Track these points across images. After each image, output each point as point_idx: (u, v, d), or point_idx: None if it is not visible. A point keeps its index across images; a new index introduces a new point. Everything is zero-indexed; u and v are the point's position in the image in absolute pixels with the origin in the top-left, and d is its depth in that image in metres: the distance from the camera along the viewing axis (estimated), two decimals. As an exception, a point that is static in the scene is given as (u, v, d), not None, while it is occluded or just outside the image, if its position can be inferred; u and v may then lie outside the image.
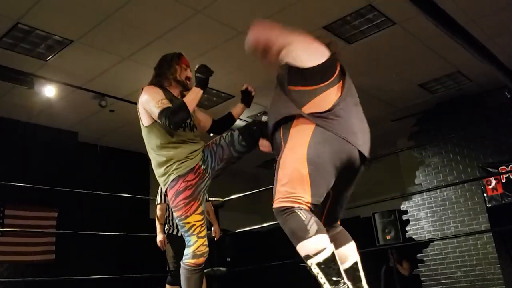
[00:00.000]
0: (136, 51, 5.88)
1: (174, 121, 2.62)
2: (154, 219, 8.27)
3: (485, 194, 7.56)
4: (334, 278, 1.94)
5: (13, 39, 5.46)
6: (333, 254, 2.01)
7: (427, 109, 8.37)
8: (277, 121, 2.30)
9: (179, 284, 4.58)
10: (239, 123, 3.10)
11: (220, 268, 5.87)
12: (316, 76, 2.26)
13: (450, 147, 8.11)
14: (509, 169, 7.31)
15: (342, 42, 6.05)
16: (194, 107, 2.81)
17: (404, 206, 8.47)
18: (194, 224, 2.72)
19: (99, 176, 7.89)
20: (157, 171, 2.85)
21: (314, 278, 2.03)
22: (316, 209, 2.16)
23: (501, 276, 7.14)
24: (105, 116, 7.44)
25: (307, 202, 2.08)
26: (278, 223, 2.14)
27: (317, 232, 2.00)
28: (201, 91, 2.82)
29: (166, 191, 2.80)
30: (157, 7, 5.09)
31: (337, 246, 2.29)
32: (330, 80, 2.28)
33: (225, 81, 6.80)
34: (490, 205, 7.49)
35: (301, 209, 2.04)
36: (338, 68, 2.40)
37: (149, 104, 2.77)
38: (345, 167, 2.23)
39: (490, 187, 7.52)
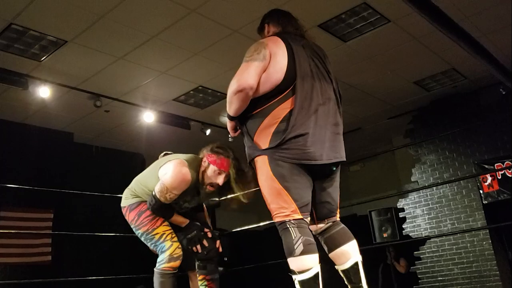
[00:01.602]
0: (131, 51, 5.86)
1: (151, 210, 2.77)
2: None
3: (481, 191, 7.58)
4: None
5: (7, 40, 5.43)
6: (316, 275, 2.11)
7: (422, 107, 8.38)
8: (249, 162, 2.41)
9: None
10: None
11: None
12: (274, 93, 2.30)
13: (446, 144, 8.12)
14: (504, 166, 7.32)
15: (337, 40, 6.05)
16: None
17: (400, 203, 8.48)
18: (164, 233, 2.78)
19: (95, 176, 7.86)
20: (129, 188, 2.96)
21: None
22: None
23: (498, 272, 7.15)
24: (100, 116, 7.42)
25: (293, 211, 2.19)
26: (274, 222, 2.28)
27: (303, 253, 2.10)
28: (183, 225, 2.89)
29: (124, 209, 2.91)
30: (150, 7, 5.07)
31: (336, 246, 2.40)
32: (285, 93, 2.30)
33: (220, 80, 6.79)
34: (486, 202, 7.50)
35: (292, 225, 2.16)
36: (297, 70, 2.35)
37: (163, 179, 2.75)
38: (311, 174, 2.31)
39: (486, 184, 7.54)
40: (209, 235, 2.96)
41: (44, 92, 6.31)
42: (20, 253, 7.14)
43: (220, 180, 2.77)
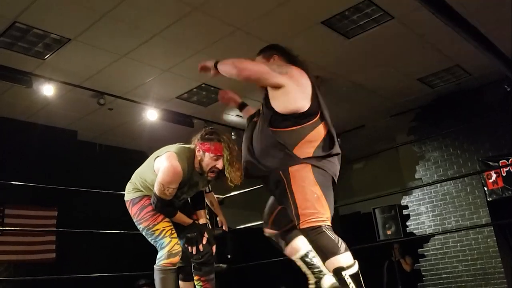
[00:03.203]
0: (134, 48, 5.86)
1: (156, 210, 2.82)
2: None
3: (485, 188, 7.55)
4: None
5: (11, 38, 5.44)
6: (358, 268, 2.36)
7: (426, 104, 8.35)
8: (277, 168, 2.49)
9: (192, 280, 4.59)
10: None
11: (221, 265, 5.85)
12: (306, 116, 2.53)
13: (450, 141, 8.10)
14: (509, 162, 7.30)
15: (340, 37, 6.03)
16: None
17: (404, 201, 8.47)
18: (164, 229, 2.80)
19: (99, 174, 7.87)
20: (130, 182, 3.00)
21: None
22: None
23: (502, 269, 7.14)
24: (104, 114, 7.43)
25: (328, 218, 2.40)
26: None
27: (346, 249, 2.33)
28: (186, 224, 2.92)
29: (127, 203, 2.96)
30: (153, 4, 5.07)
31: (292, 238, 2.75)
32: (317, 118, 2.56)
33: (223, 78, 6.76)
34: (490, 199, 7.48)
35: (327, 229, 2.36)
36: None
37: (158, 177, 2.78)
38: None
39: (491, 181, 7.51)
40: (204, 241, 2.98)
41: (48, 90, 6.32)
42: (24, 251, 7.17)
43: (219, 164, 2.81)
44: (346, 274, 2.28)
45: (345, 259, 2.30)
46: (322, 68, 6.78)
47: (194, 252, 2.87)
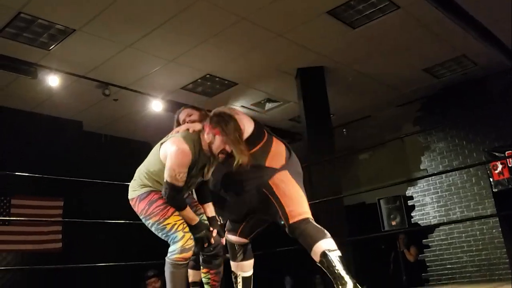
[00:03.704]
0: (138, 39, 5.85)
1: (167, 199, 2.77)
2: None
3: (491, 179, 7.53)
4: (345, 270, 2.40)
5: (16, 29, 5.44)
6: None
7: (432, 94, 8.31)
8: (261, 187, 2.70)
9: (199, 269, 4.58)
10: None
11: (227, 255, 5.87)
12: (259, 134, 2.77)
13: (455, 132, 8.07)
14: (515, 153, 7.27)
15: (346, 27, 6.00)
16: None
17: (409, 191, 8.46)
18: (176, 223, 2.74)
19: (104, 165, 7.89)
20: (135, 180, 2.94)
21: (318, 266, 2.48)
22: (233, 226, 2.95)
23: (507, 260, 7.13)
24: (109, 105, 7.44)
25: (309, 213, 2.67)
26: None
27: (331, 237, 2.53)
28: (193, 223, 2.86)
29: (133, 201, 2.89)
30: (158, -6, 5.06)
31: (248, 258, 3.01)
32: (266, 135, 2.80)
33: (227, 68, 6.78)
34: (496, 190, 7.46)
35: (312, 220, 2.62)
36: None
37: (168, 163, 2.74)
38: None
39: (497, 171, 7.49)
40: (214, 233, 2.97)
41: (53, 81, 6.34)
42: (31, 240, 7.22)
43: (227, 148, 2.74)
44: (336, 255, 2.44)
45: (332, 243, 2.49)
46: (327, 57, 6.76)
47: (206, 246, 2.87)
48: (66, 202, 7.67)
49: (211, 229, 2.97)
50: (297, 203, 2.65)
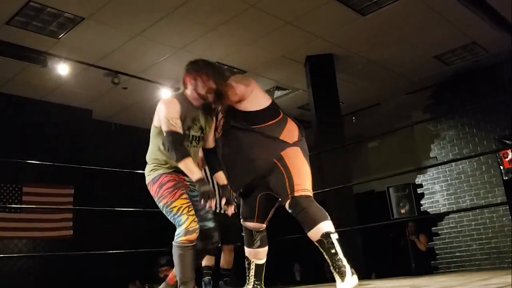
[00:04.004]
0: (147, 27, 5.85)
1: (170, 150, 2.78)
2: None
3: (501, 167, 7.48)
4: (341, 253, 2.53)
5: (25, 18, 5.46)
6: None
7: (442, 81, 8.26)
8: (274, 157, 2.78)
9: (214, 254, 4.62)
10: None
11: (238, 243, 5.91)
12: (276, 110, 2.92)
13: (465, 120, 8.02)
14: (526, 141, 7.22)
15: (355, 14, 5.97)
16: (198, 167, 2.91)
17: (419, 179, 8.44)
18: (181, 206, 2.79)
19: (114, 153, 7.94)
20: (148, 165, 3.01)
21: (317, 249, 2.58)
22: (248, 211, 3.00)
23: (517, 248, 7.11)
24: (118, 93, 7.47)
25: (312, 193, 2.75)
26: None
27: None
28: (196, 179, 2.79)
29: (149, 185, 2.95)
30: (167, -18, 5.05)
31: (264, 245, 3.06)
32: (282, 114, 2.94)
33: (236, 56, 6.76)
34: (506, 178, 7.41)
35: (313, 199, 2.69)
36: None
37: (160, 117, 2.86)
38: None
39: (507, 159, 7.44)
40: (223, 202, 3.00)
41: (62, 69, 6.37)
42: (42, 228, 7.30)
43: (212, 84, 2.82)
44: (334, 238, 2.53)
45: (332, 225, 2.58)
46: (336, 45, 6.73)
47: (212, 207, 2.86)
48: (76, 190, 7.74)
49: (227, 206, 3.00)
50: (304, 179, 2.72)
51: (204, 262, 4.67)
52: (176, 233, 2.79)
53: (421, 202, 8.21)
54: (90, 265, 7.17)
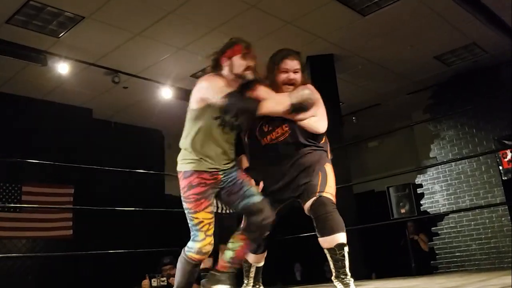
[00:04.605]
0: (148, 26, 5.85)
1: (233, 108, 2.61)
2: (170, 194, 8.33)
3: (500, 167, 7.49)
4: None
5: (25, 17, 5.46)
6: None
7: (442, 82, 8.26)
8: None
9: (213, 256, 4.63)
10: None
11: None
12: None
13: (465, 120, 8.02)
14: (526, 141, 7.22)
15: (356, 14, 5.97)
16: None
17: (418, 179, 8.44)
18: (203, 221, 2.67)
19: (114, 152, 7.94)
20: (182, 151, 2.81)
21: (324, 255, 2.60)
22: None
23: (516, 248, 7.12)
24: (118, 92, 7.46)
25: None
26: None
27: None
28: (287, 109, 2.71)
29: (179, 174, 2.76)
30: (168, -18, 5.04)
31: (265, 249, 3.08)
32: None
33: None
34: (506, 178, 7.42)
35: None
36: None
37: (206, 89, 2.70)
38: None
39: (506, 160, 7.45)
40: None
41: (62, 68, 6.36)
42: (42, 227, 7.30)
43: (249, 61, 2.76)
44: (346, 251, 2.54)
45: (345, 237, 2.57)
46: (337, 45, 6.73)
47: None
48: (76, 190, 7.73)
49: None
50: (334, 190, 2.74)
51: (202, 265, 4.66)
52: (190, 245, 2.71)
53: (421, 202, 8.21)
54: (89, 265, 7.17)
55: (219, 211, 4.79)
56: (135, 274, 6.22)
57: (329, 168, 2.82)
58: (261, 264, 3.09)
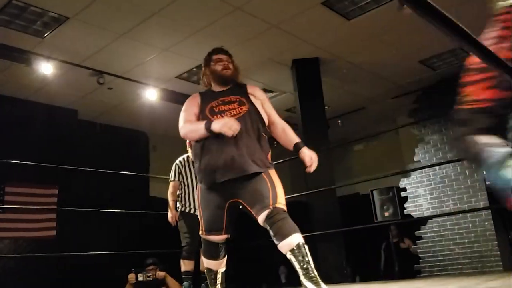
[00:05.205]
0: (133, 27, 5.83)
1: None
2: (154, 196, 8.32)
3: (484, 172, 7.52)
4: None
5: (8, 16, 5.42)
6: None
7: (427, 86, 8.31)
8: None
9: (194, 259, 4.68)
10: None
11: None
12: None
13: (450, 125, 8.07)
14: (509, 146, 7.26)
15: (341, 18, 5.99)
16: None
17: (402, 183, 8.48)
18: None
19: (99, 153, 7.90)
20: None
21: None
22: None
23: (499, 253, 7.17)
24: (103, 93, 7.44)
25: None
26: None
27: None
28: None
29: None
30: (153, -17, 5.03)
31: (226, 253, 3.09)
32: None
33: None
34: (489, 183, 7.45)
35: None
36: None
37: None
38: None
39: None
40: None
41: (46, 68, 6.32)
42: (25, 228, 7.24)
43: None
44: (306, 249, 2.59)
45: (302, 238, 2.63)
46: (322, 49, 6.75)
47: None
48: (60, 190, 7.68)
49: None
50: (283, 197, 2.79)
51: (183, 267, 4.69)
52: None
53: (405, 206, 8.24)
54: (72, 266, 7.12)
55: (192, 212, 4.82)
56: (118, 275, 6.18)
57: (274, 174, 2.87)
58: (224, 269, 3.11)
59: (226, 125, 2.67)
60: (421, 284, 3.70)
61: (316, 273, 2.50)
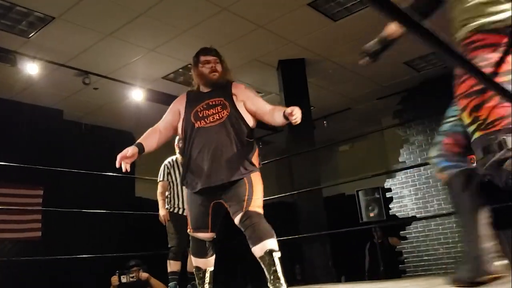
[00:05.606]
0: (119, 28, 5.82)
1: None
2: (140, 197, 8.29)
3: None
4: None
5: (-7, 15, 5.38)
6: None
7: (412, 87, 8.38)
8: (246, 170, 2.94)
9: (181, 260, 4.70)
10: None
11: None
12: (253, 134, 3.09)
13: (434, 125, 8.13)
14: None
15: (327, 19, 6.03)
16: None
17: (387, 183, 8.54)
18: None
19: (84, 154, 7.86)
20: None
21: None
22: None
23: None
24: (89, 94, 7.40)
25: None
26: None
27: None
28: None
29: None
30: (139, -17, 5.03)
31: (214, 252, 3.11)
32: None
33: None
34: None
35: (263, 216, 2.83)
36: None
37: None
38: None
39: (475, 165, 7.56)
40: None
41: (32, 68, 6.27)
42: (10, 229, 7.18)
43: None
44: (277, 256, 2.64)
45: (276, 244, 2.68)
46: (308, 50, 6.79)
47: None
48: (46, 191, 7.63)
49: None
50: (260, 200, 2.85)
51: (170, 268, 4.69)
52: None
53: (390, 206, 8.31)
54: (56, 267, 7.07)
55: (180, 212, 4.83)
56: (103, 276, 6.15)
57: (256, 177, 2.91)
58: (212, 267, 3.14)
59: None
60: (406, 283, 3.74)
61: (282, 280, 2.59)
